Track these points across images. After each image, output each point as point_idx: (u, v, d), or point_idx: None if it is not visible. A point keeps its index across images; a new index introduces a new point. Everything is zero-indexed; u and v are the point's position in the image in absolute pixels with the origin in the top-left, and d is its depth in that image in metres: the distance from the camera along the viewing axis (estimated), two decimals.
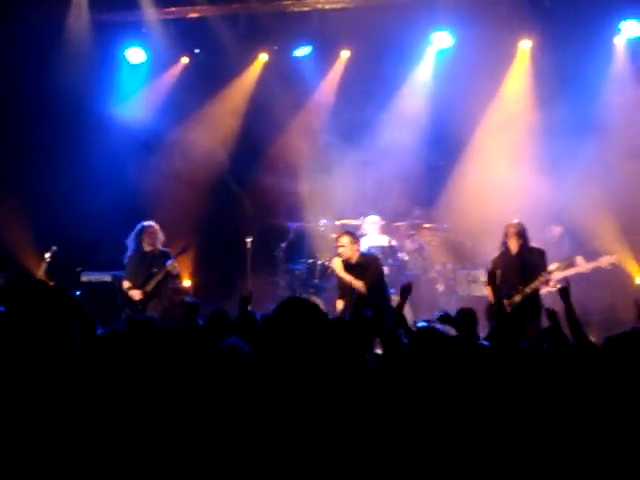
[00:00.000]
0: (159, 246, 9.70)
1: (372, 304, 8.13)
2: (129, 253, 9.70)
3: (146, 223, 9.71)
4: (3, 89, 11.71)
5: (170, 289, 9.87)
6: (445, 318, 5.83)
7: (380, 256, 9.87)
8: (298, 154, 12.19)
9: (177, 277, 10.21)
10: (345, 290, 8.97)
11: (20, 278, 10.59)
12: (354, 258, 8.92)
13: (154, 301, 9.42)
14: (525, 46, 11.80)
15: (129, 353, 4.39)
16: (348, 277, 8.83)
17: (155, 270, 9.45)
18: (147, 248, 9.63)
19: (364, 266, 8.89)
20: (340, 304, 8.96)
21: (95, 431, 2.63)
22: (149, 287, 9.41)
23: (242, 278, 10.88)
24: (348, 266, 8.91)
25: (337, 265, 8.94)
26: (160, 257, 9.59)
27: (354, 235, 9.22)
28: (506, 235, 8.91)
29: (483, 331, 6.38)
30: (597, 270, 9.76)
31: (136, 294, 9.42)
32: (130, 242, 9.71)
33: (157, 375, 3.08)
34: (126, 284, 9.54)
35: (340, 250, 8.93)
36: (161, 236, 9.72)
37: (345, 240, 8.95)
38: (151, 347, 3.36)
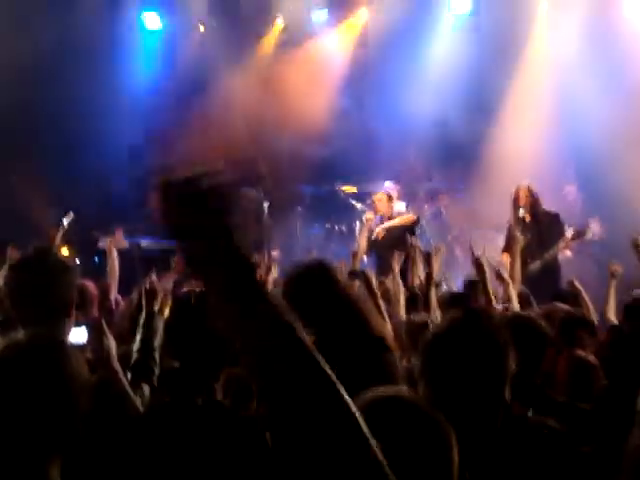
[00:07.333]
0: None
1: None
2: None
3: None
4: (21, 48, 11.53)
5: None
6: None
7: None
8: (315, 119, 12.14)
9: None
10: None
11: (40, 248, 10.48)
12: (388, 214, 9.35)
13: None
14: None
15: None
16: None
17: None
18: None
19: None
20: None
21: None
22: None
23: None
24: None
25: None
26: None
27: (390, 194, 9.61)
28: (517, 199, 8.63)
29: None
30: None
31: None
32: None
33: None
34: None
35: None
36: None
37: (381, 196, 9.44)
38: None
